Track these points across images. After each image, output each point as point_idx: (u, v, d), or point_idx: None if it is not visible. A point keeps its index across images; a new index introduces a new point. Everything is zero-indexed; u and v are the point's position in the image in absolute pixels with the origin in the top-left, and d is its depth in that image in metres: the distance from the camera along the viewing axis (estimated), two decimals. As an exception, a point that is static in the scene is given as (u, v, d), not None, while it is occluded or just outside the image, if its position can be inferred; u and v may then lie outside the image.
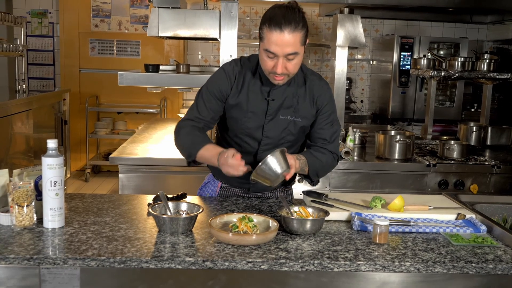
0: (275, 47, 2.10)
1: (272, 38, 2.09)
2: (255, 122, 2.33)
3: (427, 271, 1.77)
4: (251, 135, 2.36)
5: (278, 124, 2.34)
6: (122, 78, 3.57)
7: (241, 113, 2.33)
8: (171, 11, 3.66)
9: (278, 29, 2.07)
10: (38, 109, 5.61)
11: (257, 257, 1.76)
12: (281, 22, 2.07)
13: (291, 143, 2.41)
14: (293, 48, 2.11)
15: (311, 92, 2.35)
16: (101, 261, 1.72)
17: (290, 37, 2.08)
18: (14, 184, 1.96)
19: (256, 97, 2.32)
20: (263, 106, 2.32)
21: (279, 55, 2.12)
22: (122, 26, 7.33)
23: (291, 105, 2.33)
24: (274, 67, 2.15)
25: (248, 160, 2.38)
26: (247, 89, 2.32)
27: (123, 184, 3.47)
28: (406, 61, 6.11)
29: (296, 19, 2.10)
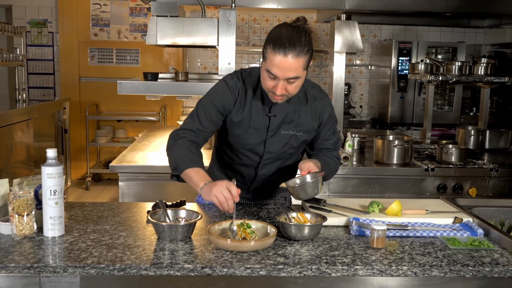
0: (276, 70, 2.06)
1: (274, 60, 2.05)
2: (257, 138, 2.33)
3: (424, 275, 1.78)
4: (253, 150, 2.36)
5: (280, 139, 2.34)
6: (121, 87, 3.60)
7: (244, 129, 2.31)
8: (169, 19, 3.69)
9: (282, 53, 2.03)
10: (39, 118, 5.64)
11: (255, 263, 1.78)
12: (286, 45, 2.02)
13: (291, 155, 2.43)
14: (295, 72, 2.08)
15: (313, 107, 2.35)
16: (100, 268, 1.73)
17: (293, 61, 2.04)
18: (14, 193, 1.98)
19: (258, 113, 2.30)
20: (265, 122, 2.30)
21: (280, 78, 2.09)
22: (121, 34, 7.37)
23: (292, 120, 2.32)
24: (274, 88, 2.12)
25: (249, 173, 2.43)
26: (250, 106, 2.29)
27: (123, 192, 3.49)
28: (404, 66, 6.13)
29: (301, 43, 2.05)
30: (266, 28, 7.09)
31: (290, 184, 2.21)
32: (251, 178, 2.46)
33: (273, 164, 2.41)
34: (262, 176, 2.44)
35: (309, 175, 2.18)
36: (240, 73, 2.35)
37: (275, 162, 2.40)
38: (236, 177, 2.35)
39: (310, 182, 2.16)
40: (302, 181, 2.20)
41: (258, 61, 7.17)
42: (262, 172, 2.43)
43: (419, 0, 4.27)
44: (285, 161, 2.43)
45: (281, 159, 2.40)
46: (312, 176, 2.17)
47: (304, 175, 2.20)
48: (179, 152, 2.26)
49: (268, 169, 2.42)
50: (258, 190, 2.51)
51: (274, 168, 2.43)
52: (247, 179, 2.47)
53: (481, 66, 4.28)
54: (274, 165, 2.42)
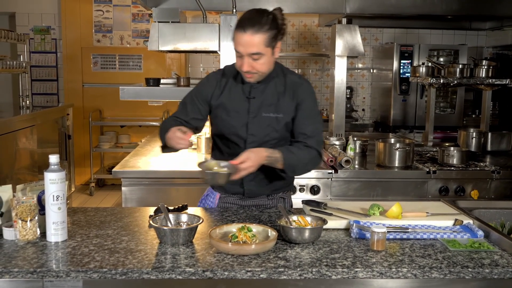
0: (239, 46, 2.26)
1: (237, 38, 2.26)
2: (239, 121, 2.44)
3: (424, 276, 1.79)
4: (237, 134, 2.46)
5: (262, 121, 2.43)
6: (124, 93, 3.62)
7: (225, 112, 2.46)
8: (171, 25, 3.71)
9: (242, 30, 2.24)
10: (42, 125, 5.67)
11: (256, 266, 1.79)
12: (246, 24, 2.23)
13: (276, 140, 2.47)
14: (256, 48, 2.24)
15: (290, 88, 2.45)
16: (103, 273, 1.75)
17: (253, 38, 2.23)
18: (17, 199, 2.00)
19: (238, 96, 2.45)
20: (246, 104, 2.44)
21: (244, 55, 2.26)
22: (124, 40, 7.41)
23: (272, 103, 2.43)
24: (241, 66, 2.30)
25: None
26: (229, 90, 2.46)
27: (126, 197, 3.51)
28: (406, 69, 6.14)
29: (261, 21, 2.24)
30: (268, 32, 7.10)
31: (202, 166, 2.26)
32: None
33: None
34: None
35: (228, 166, 2.24)
36: (223, 67, 2.56)
37: (260, 147, 2.40)
38: None
39: (221, 174, 2.21)
40: (215, 168, 2.26)
41: (260, 65, 7.18)
42: None
43: (420, 3, 4.29)
44: (272, 147, 2.41)
45: (267, 143, 2.43)
46: (229, 168, 2.23)
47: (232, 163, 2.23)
48: (160, 132, 2.48)
49: None
50: (251, 184, 2.52)
51: None
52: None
53: (482, 69, 4.29)
54: None
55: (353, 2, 4.17)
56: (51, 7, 7.32)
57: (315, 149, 2.43)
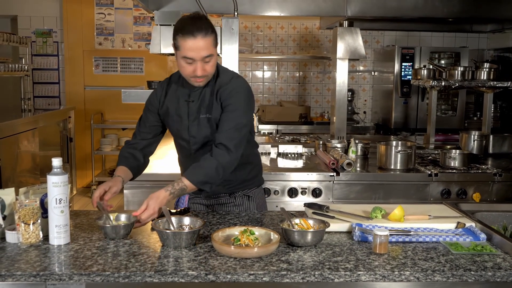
0: (191, 52, 2.28)
1: (187, 45, 2.27)
2: (181, 124, 2.52)
3: (426, 280, 1.80)
4: (182, 137, 2.55)
5: (200, 123, 2.48)
6: (126, 96, 3.63)
7: (170, 117, 2.55)
8: (172, 28, 3.71)
9: (191, 36, 2.26)
10: (44, 127, 5.68)
11: (259, 270, 1.79)
12: (193, 29, 2.26)
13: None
14: (208, 51, 2.30)
15: (217, 88, 2.45)
16: (105, 276, 1.75)
17: (203, 41, 2.28)
18: (20, 202, 2.01)
19: (179, 101, 2.51)
20: (185, 108, 2.50)
21: (197, 59, 2.30)
22: (126, 43, 7.42)
23: (207, 104, 2.47)
24: (195, 71, 2.33)
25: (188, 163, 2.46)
26: (171, 96, 2.54)
27: (128, 200, 3.51)
28: (407, 72, 6.14)
29: (205, 25, 2.30)
30: (269, 35, 7.12)
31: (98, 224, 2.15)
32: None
33: (204, 150, 2.47)
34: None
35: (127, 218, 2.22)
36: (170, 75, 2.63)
37: (205, 148, 2.48)
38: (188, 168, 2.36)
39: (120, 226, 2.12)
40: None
41: (261, 68, 7.20)
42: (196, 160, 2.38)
43: (421, 5, 4.30)
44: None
45: (207, 144, 2.48)
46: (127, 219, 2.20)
47: (134, 214, 2.19)
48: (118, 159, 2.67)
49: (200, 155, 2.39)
50: None
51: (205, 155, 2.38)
52: None
53: (483, 71, 4.29)
54: (205, 151, 2.41)
55: (354, 4, 4.18)
56: (53, 10, 7.33)
57: (224, 144, 2.33)
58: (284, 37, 7.15)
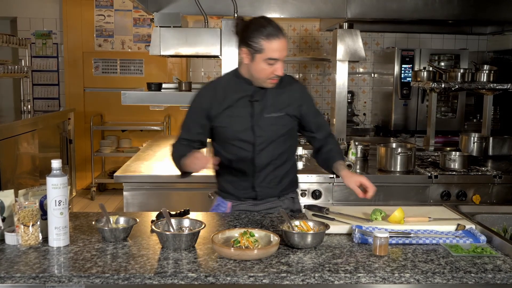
0: (277, 53, 2.33)
1: (273, 46, 2.32)
2: (243, 125, 2.49)
3: (426, 282, 1.79)
4: (242, 139, 2.50)
5: (266, 122, 2.48)
6: (125, 97, 3.63)
7: (227, 119, 2.49)
8: (172, 30, 3.72)
9: (276, 37, 2.32)
10: (44, 129, 5.68)
11: (258, 272, 1.79)
12: (276, 31, 2.33)
13: (284, 137, 2.54)
14: (287, 50, 2.40)
15: (287, 88, 2.54)
16: (105, 278, 1.75)
17: (285, 41, 2.36)
18: (19, 204, 2.00)
19: (240, 101, 2.49)
20: (248, 108, 2.48)
21: (280, 59, 2.36)
22: (125, 45, 7.42)
23: (273, 103, 2.50)
24: (275, 71, 2.37)
25: (247, 167, 2.50)
26: (229, 97, 2.49)
27: (128, 202, 3.50)
28: (407, 74, 6.14)
29: (279, 26, 2.37)
30: (269, 37, 7.11)
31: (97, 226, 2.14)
32: (251, 172, 2.53)
33: (268, 149, 2.50)
34: (261, 165, 2.51)
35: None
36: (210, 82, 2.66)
37: (270, 147, 2.51)
38: (238, 178, 2.52)
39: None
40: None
41: (261, 70, 7.18)
42: (259, 161, 2.51)
43: (421, 7, 4.30)
44: (280, 145, 2.53)
45: (274, 143, 2.51)
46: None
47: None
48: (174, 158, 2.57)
49: (264, 157, 2.50)
50: (262, 185, 2.56)
51: (269, 154, 2.51)
52: (249, 174, 2.53)
53: (483, 73, 4.29)
54: (269, 151, 2.51)
55: (354, 6, 4.18)
56: (52, 12, 7.33)
57: (330, 134, 2.71)
58: (284, 39, 7.14)
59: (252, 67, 2.39)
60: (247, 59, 2.39)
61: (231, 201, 2.62)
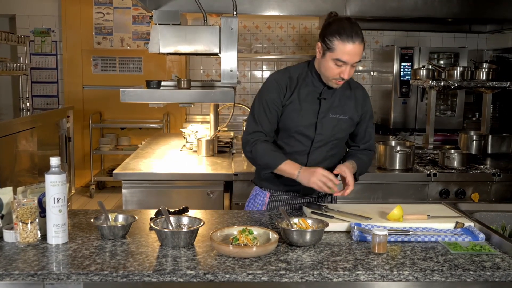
0: (347, 56, 2.35)
1: (344, 48, 2.33)
2: (308, 120, 2.52)
3: (425, 279, 1.79)
4: (304, 133, 2.54)
5: (329, 122, 2.54)
6: (124, 95, 3.61)
7: (295, 111, 2.52)
8: (171, 27, 3.71)
9: (351, 41, 2.32)
10: (42, 127, 5.67)
11: (257, 269, 1.79)
12: (353, 35, 2.33)
13: (337, 140, 2.60)
14: (359, 57, 2.38)
15: (355, 94, 2.62)
16: (104, 275, 1.75)
17: (359, 48, 2.35)
18: (18, 201, 2.00)
19: (308, 97, 2.53)
20: (316, 105, 2.53)
21: (349, 63, 2.37)
22: (124, 43, 7.42)
23: (339, 105, 2.56)
24: (342, 74, 2.39)
25: (300, 161, 2.53)
26: (299, 91, 2.52)
27: (127, 200, 3.50)
28: (406, 72, 6.14)
29: (361, 32, 2.37)
30: (268, 35, 7.12)
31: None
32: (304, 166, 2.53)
33: (322, 148, 2.56)
34: (313, 161, 2.56)
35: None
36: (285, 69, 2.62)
37: (325, 146, 2.56)
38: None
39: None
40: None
41: (260, 68, 7.19)
42: (313, 157, 2.56)
43: (421, 5, 4.30)
44: (333, 147, 2.59)
45: (330, 144, 2.57)
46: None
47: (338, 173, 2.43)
48: (263, 154, 2.51)
49: (318, 154, 2.56)
50: None
51: (323, 154, 2.58)
52: None
53: (482, 71, 4.29)
54: (323, 150, 2.57)
55: (353, 4, 4.18)
56: (51, 9, 7.32)
57: (373, 151, 2.75)
58: (283, 37, 7.15)
59: (321, 63, 2.44)
60: (319, 54, 2.43)
61: (269, 191, 2.65)
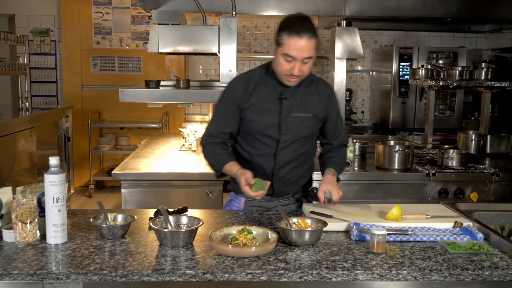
0: (295, 51, 2.32)
1: (292, 43, 2.31)
2: (270, 121, 2.51)
3: (424, 279, 1.80)
4: (268, 135, 2.52)
5: (293, 121, 2.51)
6: (124, 95, 3.62)
7: (256, 113, 2.51)
8: (170, 27, 3.72)
9: (298, 36, 2.30)
10: (42, 127, 5.66)
11: (256, 269, 1.79)
12: (301, 29, 2.31)
13: (305, 139, 2.57)
14: (309, 52, 2.34)
15: (319, 91, 2.58)
16: (103, 275, 1.75)
17: (308, 43, 2.32)
18: (17, 201, 2.00)
19: (269, 97, 2.51)
20: (277, 105, 2.50)
21: (298, 59, 2.33)
22: (123, 42, 7.41)
23: (301, 103, 2.53)
24: (292, 70, 2.37)
25: (268, 163, 2.53)
26: (259, 92, 2.51)
27: (126, 199, 3.50)
28: (405, 71, 6.15)
29: (312, 27, 2.35)
30: (268, 35, 7.12)
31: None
32: (271, 168, 2.55)
33: (289, 148, 2.54)
34: (281, 162, 2.54)
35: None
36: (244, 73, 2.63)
37: (292, 146, 2.54)
38: (257, 172, 2.49)
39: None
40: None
41: (259, 67, 7.17)
42: (280, 158, 2.54)
43: (420, 5, 4.29)
44: (301, 146, 2.57)
45: (297, 143, 2.54)
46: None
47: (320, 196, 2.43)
48: (210, 157, 2.59)
49: (285, 155, 2.54)
50: (280, 183, 2.58)
51: (290, 154, 2.55)
52: (268, 170, 2.55)
53: (481, 71, 4.29)
54: (290, 150, 2.55)
55: (352, 4, 4.17)
56: (50, 9, 7.32)
57: (344, 145, 2.76)
58: (282, 37, 7.13)
59: (274, 59, 2.44)
60: (274, 51, 2.43)
61: (244, 196, 2.62)
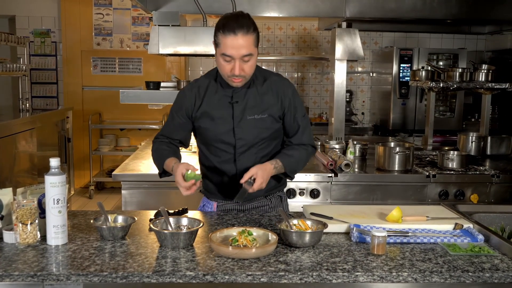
0: (231, 50, 2.23)
1: (227, 42, 2.23)
2: (225, 127, 2.43)
3: (424, 281, 1.79)
4: (224, 141, 2.45)
5: (248, 124, 2.43)
6: (124, 96, 3.63)
7: (209, 121, 2.45)
8: (171, 28, 3.72)
9: (232, 34, 2.22)
10: (42, 128, 5.67)
11: (256, 270, 1.79)
12: (235, 26, 2.22)
13: (265, 141, 2.48)
14: (247, 49, 2.25)
15: (273, 89, 2.46)
16: (103, 276, 1.75)
17: (244, 39, 2.23)
18: (18, 202, 2.00)
19: (220, 103, 2.43)
20: (229, 110, 2.43)
21: (236, 58, 2.25)
22: (124, 43, 7.42)
23: (255, 105, 2.43)
24: (232, 70, 2.28)
25: (230, 169, 2.47)
26: (209, 98, 2.44)
27: (126, 201, 3.50)
28: (405, 73, 6.16)
29: (247, 23, 2.25)
30: (268, 36, 7.13)
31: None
32: (235, 173, 2.47)
33: (249, 152, 2.46)
34: (243, 168, 2.43)
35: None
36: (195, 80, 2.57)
37: (251, 150, 2.46)
38: (223, 179, 2.48)
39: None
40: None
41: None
42: (241, 163, 2.46)
43: (420, 7, 4.30)
44: (262, 149, 2.48)
45: (256, 146, 2.46)
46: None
47: (242, 182, 2.30)
48: (153, 155, 2.56)
49: (246, 160, 2.45)
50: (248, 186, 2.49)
51: (252, 158, 2.46)
52: (232, 176, 2.49)
53: (481, 73, 4.29)
54: (251, 154, 2.46)
55: (353, 6, 4.18)
56: (51, 10, 7.32)
57: (309, 144, 2.55)
58: (283, 38, 7.15)
59: (216, 61, 2.35)
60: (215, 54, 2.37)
61: (216, 201, 2.60)
